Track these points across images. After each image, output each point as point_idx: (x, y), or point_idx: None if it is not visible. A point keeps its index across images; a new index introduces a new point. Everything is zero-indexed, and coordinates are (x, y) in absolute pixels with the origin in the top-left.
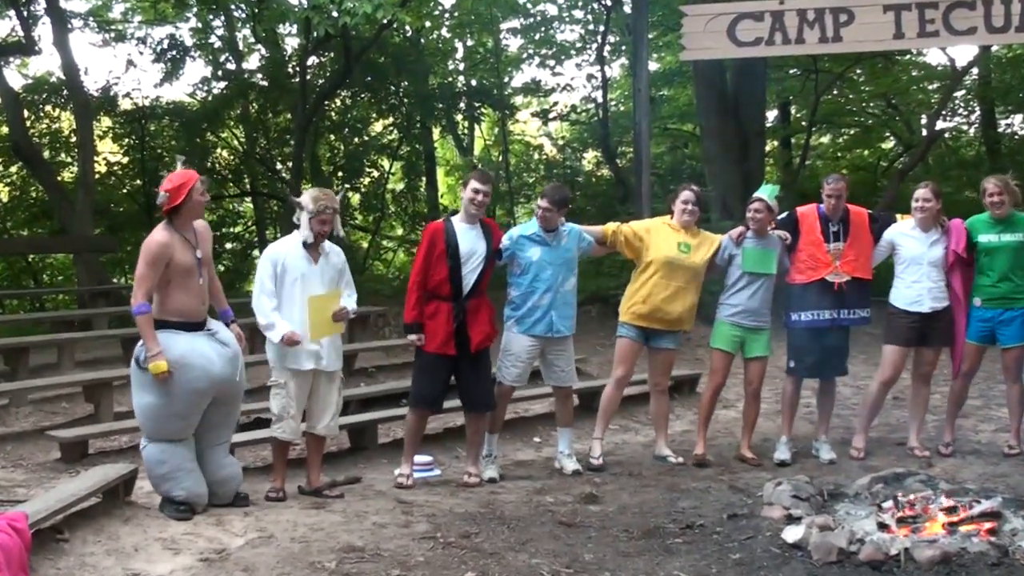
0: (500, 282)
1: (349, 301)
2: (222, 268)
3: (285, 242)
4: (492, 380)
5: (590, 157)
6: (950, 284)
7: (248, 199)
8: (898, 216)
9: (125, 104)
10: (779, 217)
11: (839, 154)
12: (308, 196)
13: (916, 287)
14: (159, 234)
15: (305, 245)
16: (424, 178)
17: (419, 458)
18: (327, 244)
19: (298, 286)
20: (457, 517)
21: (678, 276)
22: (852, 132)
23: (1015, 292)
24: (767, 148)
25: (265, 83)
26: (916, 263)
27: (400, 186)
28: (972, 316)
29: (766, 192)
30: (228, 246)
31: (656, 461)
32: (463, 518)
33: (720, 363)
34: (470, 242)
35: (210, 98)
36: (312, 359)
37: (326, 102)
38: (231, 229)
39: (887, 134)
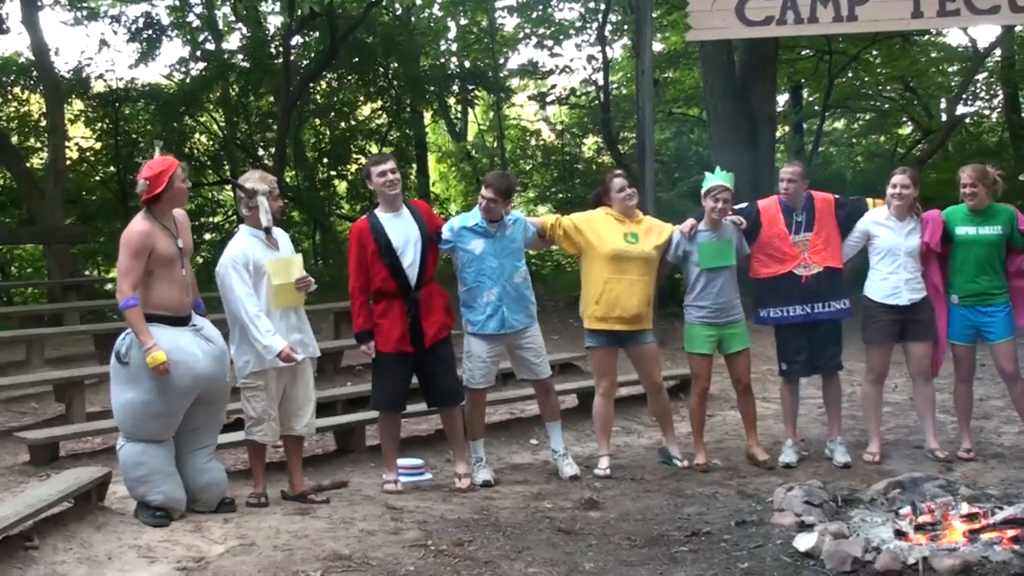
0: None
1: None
2: (200, 260)
3: (239, 242)
4: (458, 377)
5: (590, 143)
6: (927, 276)
7: (228, 187)
8: (869, 201)
9: (98, 86)
10: (738, 207)
11: (853, 140)
12: (255, 178)
13: (892, 279)
14: (139, 223)
15: (265, 231)
16: (415, 165)
17: (409, 462)
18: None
19: (269, 279)
20: (449, 524)
21: (629, 269)
22: (868, 117)
23: (994, 288)
24: (778, 134)
25: (246, 64)
26: (892, 254)
27: None
28: (953, 314)
29: (727, 179)
30: (207, 237)
31: (662, 463)
32: (456, 525)
33: (700, 367)
34: (401, 232)
35: (188, 80)
36: (299, 348)
37: (311, 85)
38: (210, 219)
39: (904, 119)
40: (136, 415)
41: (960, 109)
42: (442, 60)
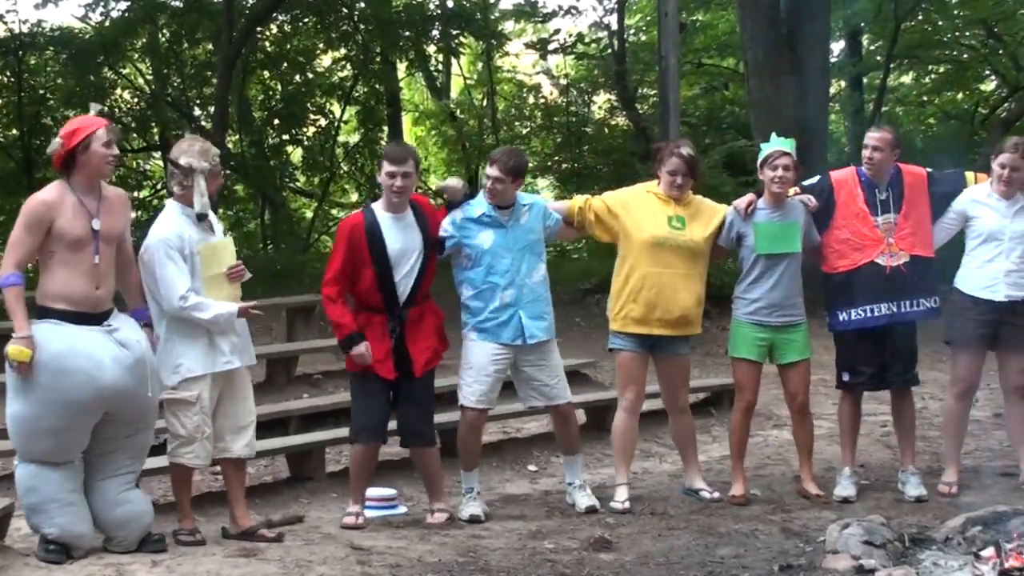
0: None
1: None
2: None
3: (171, 221)
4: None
5: (601, 101)
6: None
7: (157, 155)
8: (968, 176)
9: None
10: (807, 183)
11: (925, 98)
12: (191, 152)
13: (990, 268)
14: (46, 191)
15: (198, 216)
16: (386, 128)
17: (380, 492)
18: None
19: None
20: (428, 568)
21: (674, 261)
22: (942, 70)
23: None
24: (832, 90)
25: (179, 4)
26: (994, 238)
27: (355, 138)
28: None
29: (788, 146)
30: (132, 215)
31: (687, 496)
32: (436, 569)
33: (746, 377)
34: (401, 238)
35: (107, 24)
36: (237, 353)
37: (258, 29)
38: (136, 193)
39: (987, 72)
40: (24, 431)
41: None
42: None
